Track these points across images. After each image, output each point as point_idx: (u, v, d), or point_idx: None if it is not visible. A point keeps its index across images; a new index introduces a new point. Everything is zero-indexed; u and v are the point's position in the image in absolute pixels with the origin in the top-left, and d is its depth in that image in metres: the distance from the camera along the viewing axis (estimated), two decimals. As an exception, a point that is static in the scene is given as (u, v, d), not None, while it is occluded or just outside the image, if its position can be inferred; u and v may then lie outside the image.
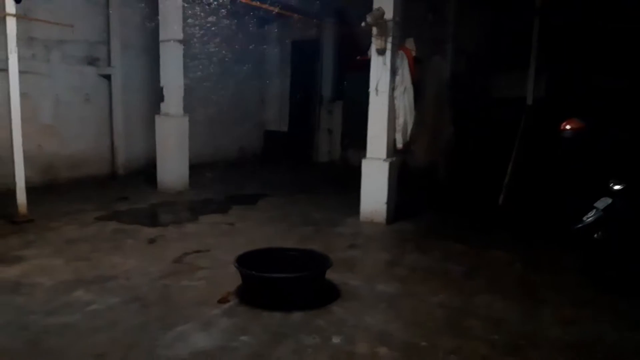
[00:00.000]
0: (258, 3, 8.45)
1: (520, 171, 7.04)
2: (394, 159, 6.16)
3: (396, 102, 6.11)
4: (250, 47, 10.99)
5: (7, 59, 5.50)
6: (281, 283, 3.67)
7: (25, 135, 5.71)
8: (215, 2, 8.55)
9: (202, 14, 8.61)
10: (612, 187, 4.13)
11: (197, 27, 8.70)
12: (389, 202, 6.06)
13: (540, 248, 5.30)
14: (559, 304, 3.86)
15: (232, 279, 3.90)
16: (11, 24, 5.47)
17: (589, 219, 4.19)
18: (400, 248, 5.24)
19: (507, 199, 6.88)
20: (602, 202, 4.16)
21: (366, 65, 6.16)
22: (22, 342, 2.98)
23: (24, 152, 5.68)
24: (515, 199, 6.90)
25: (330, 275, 4.00)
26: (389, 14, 5.73)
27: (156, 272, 4.22)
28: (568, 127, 4.64)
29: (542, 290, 4.13)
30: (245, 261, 3.77)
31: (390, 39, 5.77)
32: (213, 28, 9.00)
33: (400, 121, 6.12)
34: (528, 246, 5.35)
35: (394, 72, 6.01)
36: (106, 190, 7.58)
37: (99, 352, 2.87)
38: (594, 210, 4.17)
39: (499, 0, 8.14)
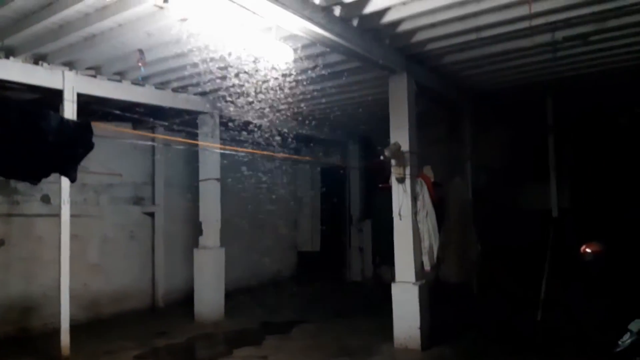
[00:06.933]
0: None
1: (555, 285, 6.92)
2: (423, 281, 6.21)
3: (420, 225, 6.31)
4: (283, 180, 11.59)
5: (60, 206, 6.04)
6: None
7: (72, 275, 6.08)
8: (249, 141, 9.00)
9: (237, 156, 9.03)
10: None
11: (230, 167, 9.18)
12: (422, 326, 6.00)
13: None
14: None
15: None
16: (65, 181, 5.91)
17: (625, 343, 4.12)
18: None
19: (544, 314, 6.71)
20: (636, 324, 4.11)
21: (390, 190, 6.47)
22: None
23: (71, 291, 6.03)
24: (553, 314, 6.72)
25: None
26: (405, 146, 6.12)
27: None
28: (588, 250, 4.72)
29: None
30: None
31: (408, 169, 6.11)
32: (245, 167, 9.54)
33: (425, 244, 6.28)
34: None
35: (414, 198, 6.28)
36: (146, 324, 7.76)
37: None
38: (628, 334, 4.11)
39: (512, 119, 8.53)
